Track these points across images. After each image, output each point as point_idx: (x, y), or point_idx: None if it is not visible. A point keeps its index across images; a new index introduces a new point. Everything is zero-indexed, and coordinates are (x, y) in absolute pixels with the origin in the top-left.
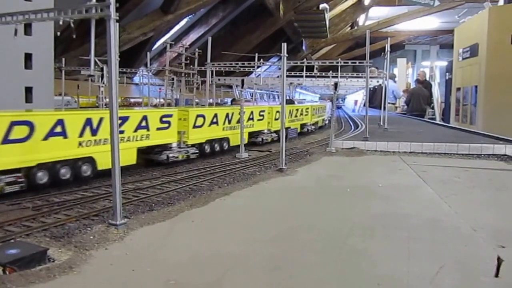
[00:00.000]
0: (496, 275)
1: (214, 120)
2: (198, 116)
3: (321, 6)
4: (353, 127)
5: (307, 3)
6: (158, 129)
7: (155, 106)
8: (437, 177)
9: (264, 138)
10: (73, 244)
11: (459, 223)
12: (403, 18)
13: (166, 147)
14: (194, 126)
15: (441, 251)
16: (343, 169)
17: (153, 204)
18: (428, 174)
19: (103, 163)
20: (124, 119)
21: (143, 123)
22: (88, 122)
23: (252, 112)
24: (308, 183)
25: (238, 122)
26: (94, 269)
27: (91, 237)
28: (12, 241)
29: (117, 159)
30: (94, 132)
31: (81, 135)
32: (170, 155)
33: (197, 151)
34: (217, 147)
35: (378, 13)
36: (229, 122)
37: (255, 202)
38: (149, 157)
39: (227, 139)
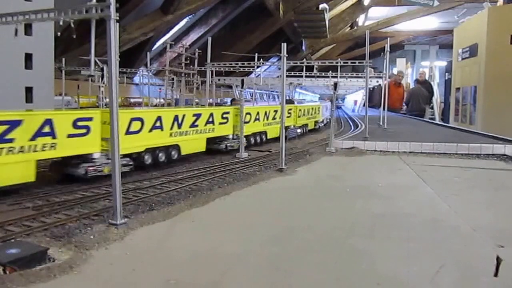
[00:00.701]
0: (496, 275)
1: (157, 124)
2: (132, 119)
3: (321, 6)
4: (352, 127)
5: (307, 3)
6: (70, 136)
7: (155, 106)
8: (436, 177)
9: (228, 144)
10: (73, 243)
11: (458, 223)
12: (403, 18)
13: (86, 158)
14: (128, 132)
15: (441, 251)
16: (342, 169)
17: (153, 204)
18: (427, 174)
19: None
20: (14, 124)
21: (46, 129)
22: None
23: (211, 115)
24: (308, 183)
25: (192, 126)
26: (94, 268)
27: (91, 237)
28: (13, 240)
29: (117, 159)
30: None
31: None
32: (90, 168)
33: (131, 163)
34: (162, 156)
35: (377, 13)
36: (179, 126)
37: (255, 202)
38: (66, 171)
39: (176, 147)
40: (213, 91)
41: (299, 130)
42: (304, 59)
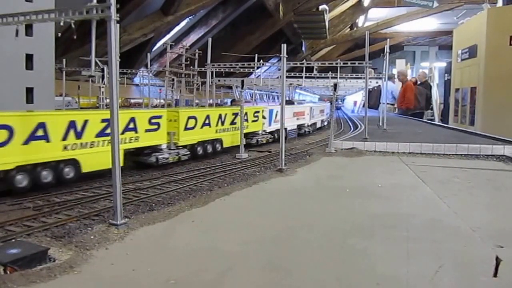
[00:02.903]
0: (495, 275)
1: None
2: None
3: (321, 7)
4: (352, 127)
5: (306, 4)
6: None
7: (155, 106)
8: (436, 177)
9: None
10: (73, 243)
11: (458, 223)
12: (402, 19)
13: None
14: None
15: (440, 251)
16: (342, 169)
17: (154, 204)
18: (427, 174)
19: None
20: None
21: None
22: None
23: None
24: (308, 184)
25: None
26: (94, 268)
27: (92, 237)
28: (13, 240)
29: (118, 159)
30: None
31: None
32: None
33: None
34: None
35: (377, 14)
36: None
37: (254, 202)
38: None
39: None
40: (213, 92)
41: (173, 155)
42: (304, 60)
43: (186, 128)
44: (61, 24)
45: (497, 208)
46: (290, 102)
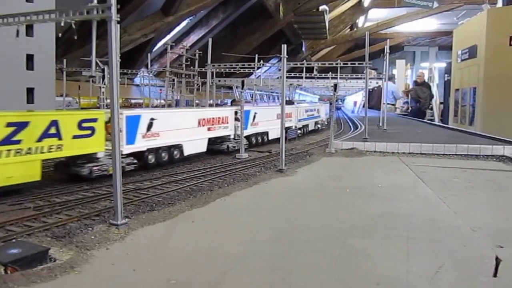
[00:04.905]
0: (495, 275)
1: None
2: None
3: (321, 7)
4: (352, 128)
5: (307, 5)
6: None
7: (156, 107)
8: (436, 177)
9: None
10: (74, 244)
11: (458, 223)
12: (402, 20)
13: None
14: None
15: (440, 251)
16: (342, 169)
17: (154, 204)
18: (427, 174)
19: None
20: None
21: None
22: None
23: None
24: (308, 184)
25: None
26: (95, 268)
27: (92, 237)
28: (14, 240)
29: (118, 160)
30: None
31: None
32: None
33: None
34: None
35: (377, 14)
36: None
37: (255, 202)
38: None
39: None
40: (214, 92)
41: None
42: (304, 60)
43: None
44: (62, 24)
45: (497, 208)
46: (290, 103)
